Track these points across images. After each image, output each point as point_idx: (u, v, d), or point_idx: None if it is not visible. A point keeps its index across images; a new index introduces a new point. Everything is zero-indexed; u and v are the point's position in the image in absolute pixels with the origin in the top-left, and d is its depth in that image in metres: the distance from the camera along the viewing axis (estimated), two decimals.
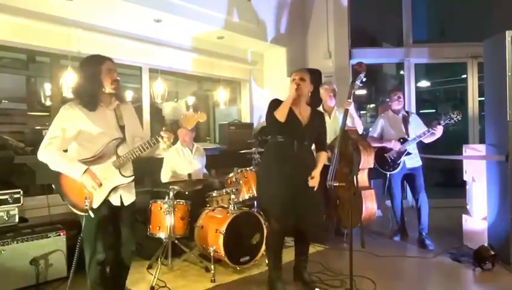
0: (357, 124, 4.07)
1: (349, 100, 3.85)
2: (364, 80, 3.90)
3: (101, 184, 2.23)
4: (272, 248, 2.94)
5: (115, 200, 2.34)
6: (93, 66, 2.26)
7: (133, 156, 2.30)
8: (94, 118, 2.25)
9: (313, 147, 3.04)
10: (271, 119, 2.84)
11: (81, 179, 2.18)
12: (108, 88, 2.28)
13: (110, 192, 2.28)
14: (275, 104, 2.86)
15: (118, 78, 2.29)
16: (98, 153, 2.26)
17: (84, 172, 2.17)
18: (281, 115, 2.77)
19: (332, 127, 4.00)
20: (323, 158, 2.99)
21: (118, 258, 2.47)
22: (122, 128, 2.35)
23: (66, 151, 2.30)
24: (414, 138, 3.94)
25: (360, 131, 4.14)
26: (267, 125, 3.02)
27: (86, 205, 2.20)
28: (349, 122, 3.98)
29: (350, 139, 3.95)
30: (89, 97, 2.24)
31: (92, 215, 2.22)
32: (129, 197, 2.42)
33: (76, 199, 2.25)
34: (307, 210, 2.84)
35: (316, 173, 2.88)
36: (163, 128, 2.30)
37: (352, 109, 3.91)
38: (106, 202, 2.30)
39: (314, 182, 2.85)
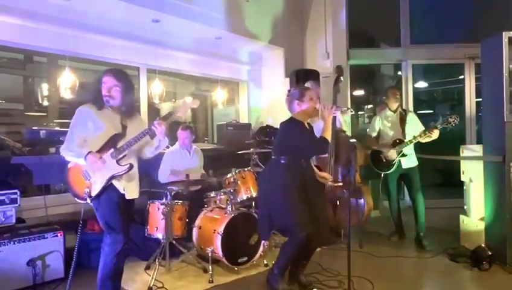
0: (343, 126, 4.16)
1: (334, 106, 3.94)
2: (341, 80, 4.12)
3: (101, 157, 2.40)
4: (290, 257, 2.85)
5: (121, 189, 2.49)
6: (98, 77, 2.53)
7: (129, 146, 2.46)
8: (101, 116, 2.49)
9: None
10: (304, 143, 2.84)
11: (85, 160, 2.38)
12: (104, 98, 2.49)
13: (108, 180, 2.43)
14: (302, 126, 2.88)
15: (108, 93, 2.47)
16: (101, 146, 2.45)
17: (87, 154, 2.39)
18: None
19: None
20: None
21: None
22: (124, 127, 2.53)
23: None
24: (410, 139, 3.95)
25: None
26: (296, 146, 2.87)
27: (85, 194, 2.42)
28: (338, 123, 4.08)
29: (345, 140, 4.01)
30: (94, 99, 2.52)
31: (89, 202, 2.45)
32: (131, 192, 2.54)
33: (79, 189, 2.48)
34: (324, 219, 2.96)
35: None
36: (157, 118, 2.50)
37: (339, 114, 4.01)
38: (115, 189, 2.45)
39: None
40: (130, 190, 2.53)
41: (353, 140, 3.09)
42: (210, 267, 3.26)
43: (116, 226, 2.44)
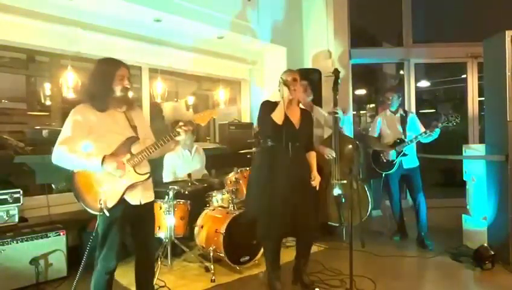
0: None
1: (337, 107, 4.03)
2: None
3: (124, 163, 2.21)
4: (268, 252, 2.92)
5: (133, 200, 2.29)
6: (107, 70, 2.26)
7: (147, 153, 2.28)
8: (104, 119, 2.25)
9: None
10: (266, 122, 2.78)
11: (103, 167, 2.13)
12: (118, 93, 2.27)
13: (125, 190, 2.24)
14: (269, 106, 2.81)
15: (128, 86, 2.29)
16: (113, 152, 2.22)
17: (103, 159, 2.13)
18: (279, 116, 2.72)
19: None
20: (314, 157, 3.02)
21: (143, 259, 2.45)
22: (134, 128, 2.35)
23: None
24: (411, 139, 3.95)
25: None
26: (261, 128, 2.93)
27: (101, 204, 2.16)
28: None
29: (347, 139, 4.04)
30: (98, 99, 2.24)
31: (107, 214, 2.18)
32: (148, 197, 2.39)
33: (91, 198, 2.21)
34: (306, 211, 2.81)
35: (315, 173, 2.93)
36: (180, 123, 2.31)
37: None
38: (123, 201, 2.25)
39: (316, 182, 2.89)
40: (146, 197, 2.37)
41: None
42: (212, 266, 3.27)
43: (112, 242, 2.22)
